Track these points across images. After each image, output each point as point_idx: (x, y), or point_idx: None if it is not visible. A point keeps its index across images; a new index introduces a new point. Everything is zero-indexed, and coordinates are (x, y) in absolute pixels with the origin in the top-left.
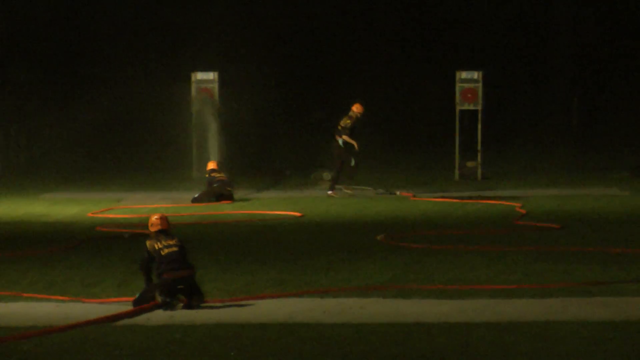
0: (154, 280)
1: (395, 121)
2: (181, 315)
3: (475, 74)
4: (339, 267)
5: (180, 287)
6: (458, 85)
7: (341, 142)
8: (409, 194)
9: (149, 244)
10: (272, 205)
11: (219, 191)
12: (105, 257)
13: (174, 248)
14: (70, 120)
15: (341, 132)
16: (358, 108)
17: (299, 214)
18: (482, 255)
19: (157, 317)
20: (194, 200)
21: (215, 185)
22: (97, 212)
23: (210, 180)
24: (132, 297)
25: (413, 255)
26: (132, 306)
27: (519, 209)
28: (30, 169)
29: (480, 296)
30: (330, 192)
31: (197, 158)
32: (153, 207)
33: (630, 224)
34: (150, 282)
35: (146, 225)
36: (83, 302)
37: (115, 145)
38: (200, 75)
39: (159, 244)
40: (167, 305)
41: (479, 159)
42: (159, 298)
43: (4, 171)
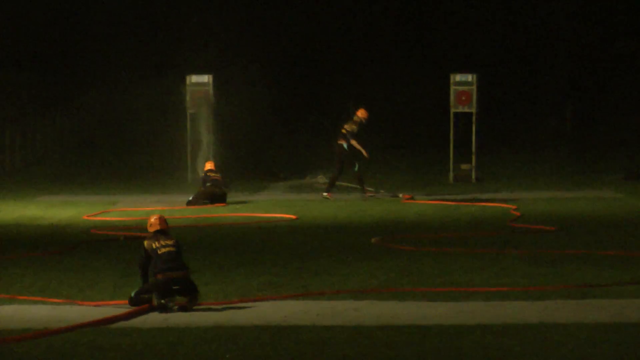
0: (150, 280)
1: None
2: (176, 317)
3: (469, 77)
4: (333, 269)
5: (176, 287)
6: (452, 88)
7: (346, 146)
8: (409, 195)
9: (146, 243)
10: (266, 207)
11: (212, 191)
12: (100, 260)
13: (171, 248)
14: (65, 123)
15: (346, 136)
16: (362, 113)
17: (294, 216)
18: (476, 257)
19: (152, 319)
20: (188, 203)
21: (208, 184)
22: (92, 215)
23: (204, 179)
24: (127, 301)
25: (408, 257)
26: (127, 305)
27: (513, 212)
28: (25, 172)
29: (475, 299)
30: (325, 194)
31: (192, 160)
32: (148, 210)
33: (624, 227)
34: (146, 282)
35: (141, 228)
36: (78, 304)
37: (110, 147)
38: (195, 78)
39: (156, 243)
40: (163, 308)
41: (474, 161)
42: (156, 300)
43: None
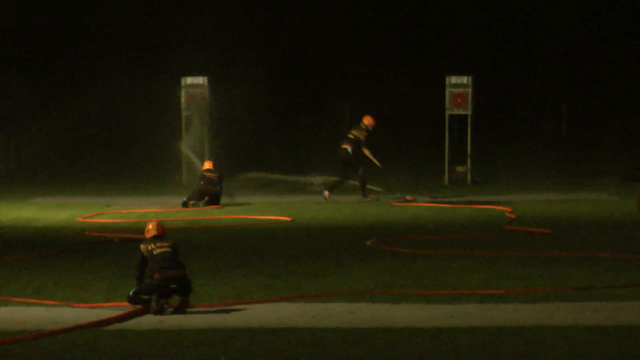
0: (148, 280)
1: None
2: (171, 319)
3: (465, 79)
4: (328, 271)
5: (174, 286)
6: (448, 90)
7: (350, 150)
8: (413, 197)
9: (142, 247)
10: (262, 210)
11: (204, 189)
12: (95, 262)
13: (167, 249)
14: (61, 125)
15: (352, 141)
16: (369, 120)
17: (289, 218)
18: (471, 260)
19: (147, 321)
20: (184, 204)
21: (201, 182)
22: (87, 217)
23: (200, 178)
24: (122, 303)
25: (402, 260)
26: (124, 306)
27: (508, 214)
28: (20, 174)
29: (470, 301)
30: (325, 193)
31: (186, 162)
32: (143, 212)
33: (619, 229)
34: (142, 282)
35: (135, 230)
36: (73, 306)
37: (105, 149)
38: (190, 79)
39: (152, 245)
40: (160, 309)
41: (469, 163)
42: (155, 303)
43: None
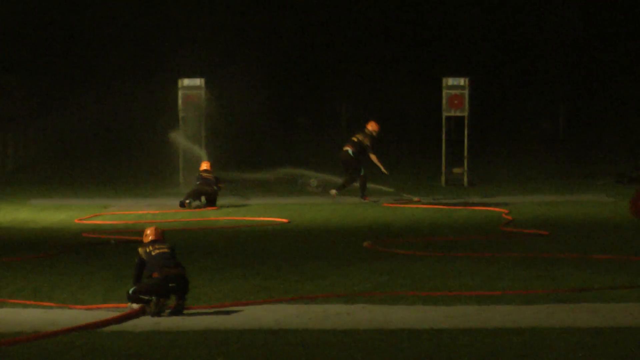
0: (146, 280)
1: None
2: (168, 321)
3: (461, 81)
4: (325, 273)
5: (172, 285)
6: (445, 92)
7: (351, 152)
8: (418, 199)
9: (140, 250)
10: (259, 211)
11: (200, 189)
12: (92, 264)
13: (165, 249)
14: (57, 127)
15: (356, 144)
16: (373, 126)
17: (286, 220)
18: (468, 261)
19: (144, 323)
20: (181, 204)
21: (197, 182)
22: (84, 219)
23: (197, 178)
24: (119, 304)
25: (400, 261)
26: (120, 308)
27: (505, 216)
28: (17, 175)
29: (467, 302)
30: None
31: (183, 164)
32: (140, 214)
33: (616, 231)
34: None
35: (132, 232)
36: (70, 308)
37: (102, 151)
38: (187, 81)
39: (150, 247)
40: (158, 311)
41: (466, 165)
42: (154, 305)
43: None
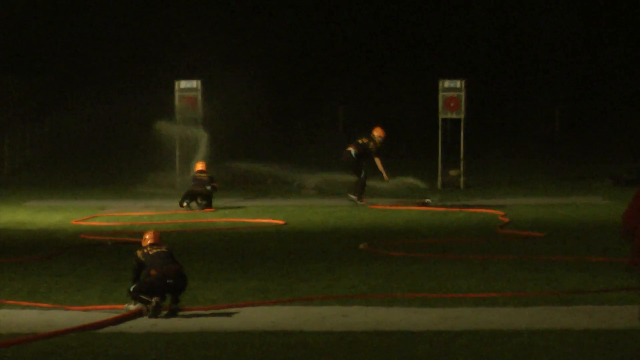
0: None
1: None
2: (165, 322)
3: (458, 83)
4: (321, 275)
5: (170, 281)
6: (441, 94)
7: (353, 153)
8: (429, 200)
9: (139, 252)
10: (255, 213)
11: (194, 190)
12: (89, 265)
13: (163, 249)
14: (54, 128)
15: (359, 146)
16: (379, 132)
17: (282, 222)
18: (465, 263)
19: (140, 324)
20: (180, 203)
21: (192, 184)
22: (81, 220)
23: (192, 179)
24: (116, 305)
25: (396, 263)
26: (118, 309)
27: (502, 218)
28: (13, 177)
29: (463, 305)
30: (352, 197)
31: (180, 166)
32: (136, 215)
33: (612, 233)
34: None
35: (129, 233)
36: (66, 309)
37: (99, 152)
38: (184, 83)
39: (147, 248)
40: (155, 312)
41: (462, 167)
42: (153, 307)
43: None
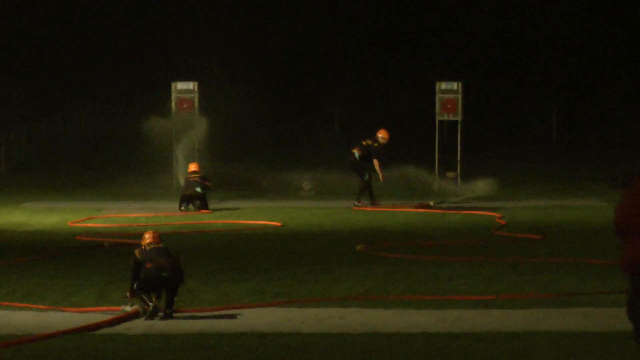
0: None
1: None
2: (161, 324)
3: (455, 85)
4: (318, 277)
5: (165, 274)
6: (438, 96)
7: (357, 155)
8: (426, 203)
9: (137, 251)
10: (252, 215)
11: (185, 194)
12: (85, 266)
13: (160, 245)
14: (51, 130)
15: (363, 147)
16: (383, 134)
17: (279, 223)
18: (461, 265)
19: (137, 326)
20: (179, 207)
21: (183, 186)
22: (78, 222)
23: (184, 181)
24: (112, 307)
25: (393, 265)
26: (115, 311)
27: (498, 220)
28: (10, 178)
29: (460, 307)
30: (373, 202)
31: (177, 168)
32: (133, 217)
33: (609, 235)
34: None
35: (126, 235)
36: (63, 311)
37: (96, 154)
38: (181, 85)
39: (144, 246)
40: (150, 315)
41: (459, 169)
42: (151, 309)
43: None
